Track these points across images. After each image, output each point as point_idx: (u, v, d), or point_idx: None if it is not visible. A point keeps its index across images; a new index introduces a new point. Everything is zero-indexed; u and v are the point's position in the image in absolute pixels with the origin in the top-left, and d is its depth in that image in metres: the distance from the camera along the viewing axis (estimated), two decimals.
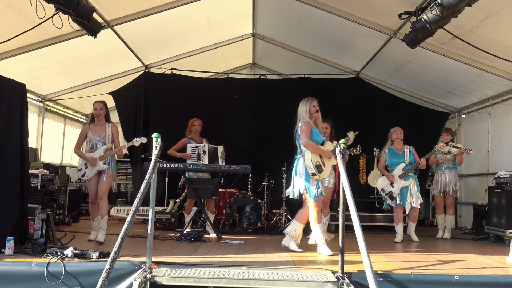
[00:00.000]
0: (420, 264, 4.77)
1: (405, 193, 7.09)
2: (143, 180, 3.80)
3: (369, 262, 3.40)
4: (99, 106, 6.11)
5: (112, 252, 3.26)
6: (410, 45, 6.05)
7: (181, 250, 5.33)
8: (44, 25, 5.89)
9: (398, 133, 7.29)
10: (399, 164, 7.18)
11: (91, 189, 5.99)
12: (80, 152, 6.07)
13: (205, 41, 9.19)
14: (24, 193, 5.11)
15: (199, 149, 7.32)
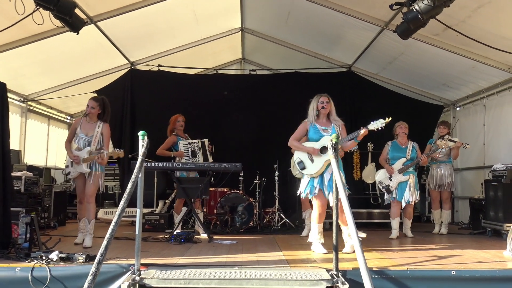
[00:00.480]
0: (416, 260, 4.79)
1: (403, 188, 7.15)
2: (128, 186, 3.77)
3: (364, 258, 3.40)
4: (91, 104, 5.96)
5: (98, 254, 3.24)
6: (402, 36, 6.07)
7: (171, 251, 5.31)
8: (24, 22, 5.84)
9: (403, 127, 7.37)
10: (400, 159, 7.24)
11: (79, 189, 5.93)
12: (68, 148, 5.91)
13: (192, 36, 9.17)
14: (6, 196, 5.04)
15: (192, 146, 7.30)
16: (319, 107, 5.60)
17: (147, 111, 9.24)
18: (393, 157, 7.34)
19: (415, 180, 7.20)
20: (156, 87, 9.33)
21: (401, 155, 7.25)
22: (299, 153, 5.53)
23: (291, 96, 9.37)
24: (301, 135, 5.64)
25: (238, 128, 9.10)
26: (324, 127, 5.55)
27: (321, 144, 5.41)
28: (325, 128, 5.53)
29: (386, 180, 7.29)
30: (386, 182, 7.29)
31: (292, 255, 5.11)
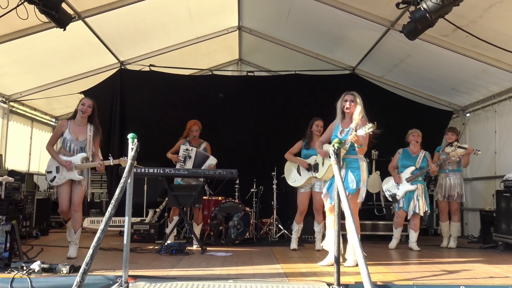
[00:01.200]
0: (423, 275, 4.78)
1: (410, 198, 7.23)
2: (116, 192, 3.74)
3: (367, 272, 3.39)
4: (88, 103, 5.93)
5: (84, 264, 3.22)
6: (409, 36, 6.10)
7: (162, 263, 5.29)
8: (8, 16, 5.85)
9: (415, 135, 7.47)
10: (408, 167, 7.32)
11: (63, 198, 5.78)
12: (54, 152, 5.82)
13: (186, 35, 9.19)
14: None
15: (186, 152, 7.30)
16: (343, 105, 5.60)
17: (138, 113, 9.24)
18: (402, 165, 7.43)
19: (424, 191, 7.25)
20: (147, 88, 9.33)
21: (411, 164, 7.34)
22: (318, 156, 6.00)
23: (291, 99, 9.41)
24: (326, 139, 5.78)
25: (234, 133, 9.09)
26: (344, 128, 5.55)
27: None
28: (343, 129, 5.55)
29: (393, 188, 7.39)
30: (393, 190, 7.39)
31: (291, 268, 5.10)
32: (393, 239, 7.41)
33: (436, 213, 9.56)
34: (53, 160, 5.79)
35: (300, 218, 7.00)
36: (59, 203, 5.84)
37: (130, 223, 4.04)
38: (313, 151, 6.91)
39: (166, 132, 8.98)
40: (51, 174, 5.78)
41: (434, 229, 9.61)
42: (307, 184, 6.87)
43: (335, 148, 4.21)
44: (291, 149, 7.06)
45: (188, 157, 7.28)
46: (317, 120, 7.05)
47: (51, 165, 5.80)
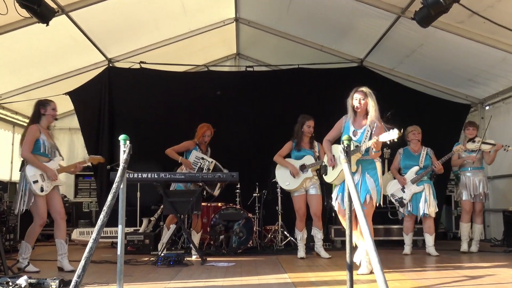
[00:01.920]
0: (443, 281, 4.79)
1: (417, 200, 7.30)
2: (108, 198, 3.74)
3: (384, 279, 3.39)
4: (56, 106, 6.08)
5: (75, 276, 3.22)
6: (421, 24, 6.12)
7: (159, 275, 5.31)
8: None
9: (416, 133, 7.52)
10: (412, 167, 7.37)
11: (42, 208, 5.76)
12: (36, 159, 5.80)
13: (179, 28, 9.20)
14: None
15: (203, 162, 7.29)
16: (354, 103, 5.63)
17: (128, 113, 9.22)
18: (405, 166, 7.49)
19: (432, 190, 7.32)
20: (138, 87, 9.33)
21: (414, 164, 7.42)
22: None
23: (294, 95, 9.40)
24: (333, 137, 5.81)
25: (233, 133, 9.09)
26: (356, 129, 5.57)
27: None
28: (355, 130, 5.57)
29: (398, 192, 7.44)
30: (398, 194, 7.44)
31: (299, 277, 5.11)
32: (405, 247, 7.45)
33: (455, 216, 9.58)
34: (35, 168, 5.76)
35: (301, 225, 7.03)
36: (40, 213, 5.77)
37: (124, 232, 4.04)
38: (305, 152, 7.00)
39: (159, 134, 9.00)
40: (38, 183, 5.74)
41: (453, 232, 9.61)
42: (301, 187, 6.93)
43: (345, 146, 4.21)
44: (280, 151, 7.15)
45: (207, 170, 7.26)
46: (309, 120, 7.10)
47: (34, 174, 5.74)
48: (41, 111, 5.98)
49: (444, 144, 7.97)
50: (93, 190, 10.36)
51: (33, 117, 6.01)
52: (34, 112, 6.02)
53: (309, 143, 7.08)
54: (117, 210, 3.96)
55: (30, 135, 5.83)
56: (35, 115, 6.00)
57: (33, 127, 5.89)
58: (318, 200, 6.96)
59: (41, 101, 6.11)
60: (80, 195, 10.59)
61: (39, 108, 6.00)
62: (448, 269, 5.65)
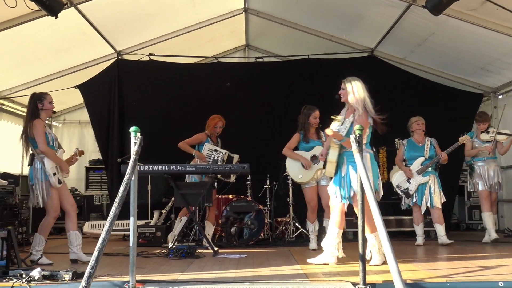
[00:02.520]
0: (456, 271, 4.77)
1: (423, 190, 7.34)
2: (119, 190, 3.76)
3: (397, 269, 3.39)
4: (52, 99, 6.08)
5: (88, 267, 3.25)
6: (433, 11, 6.08)
7: (171, 267, 5.33)
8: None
9: (420, 123, 7.55)
10: (417, 158, 7.41)
11: (56, 201, 5.80)
12: (54, 153, 5.82)
13: (188, 20, 9.20)
14: None
15: (217, 154, 7.32)
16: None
17: (138, 106, 9.26)
18: (410, 157, 7.53)
19: (437, 181, 7.34)
20: (147, 79, 9.36)
21: (419, 154, 7.45)
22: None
23: (304, 86, 9.39)
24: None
25: (243, 124, 9.10)
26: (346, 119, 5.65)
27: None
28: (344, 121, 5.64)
29: (404, 183, 7.48)
30: (404, 185, 7.48)
31: (311, 268, 5.12)
32: (418, 238, 7.43)
33: (468, 206, 9.55)
34: (51, 162, 5.78)
35: (313, 216, 7.03)
36: (54, 206, 5.80)
37: (135, 224, 4.07)
38: (313, 143, 6.96)
39: (169, 126, 9.03)
40: (55, 176, 5.77)
41: (466, 223, 9.59)
42: (312, 178, 6.92)
43: (357, 136, 4.20)
44: (288, 143, 7.06)
45: (221, 161, 7.30)
46: (314, 111, 7.04)
47: (52, 167, 5.76)
48: (38, 106, 5.91)
49: (456, 134, 7.92)
50: (104, 183, 10.42)
51: (33, 112, 5.91)
52: (32, 107, 5.92)
53: (315, 133, 7.05)
54: (128, 203, 3.99)
55: (40, 129, 5.80)
56: (33, 110, 5.91)
57: (38, 121, 5.85)
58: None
59: (36, 95, 6.01)
60: (91, 188, 10.65)
61: (36, 103, 5.92)
62: (461, 259, 5.63)
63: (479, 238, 7.63)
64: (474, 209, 9.50)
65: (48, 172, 5.70)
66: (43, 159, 5.75)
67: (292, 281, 4.29)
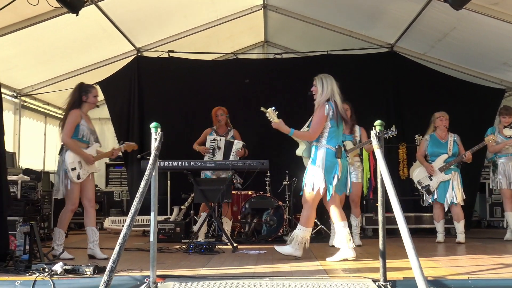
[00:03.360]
0: (478, 269, 4.75)
1: (445, 188, 7.26)
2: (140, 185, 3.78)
3: (419, 266, 3.37)
4: (97, 93, 6.16)
5: (110, 261, 3.28)
6: (454, 6, 6.01)
7: (190, 262, 5.37)
8: (16, 3, 5.92)
9: (443, 119, 7.46)
10: (440, 155, 7.34)
11: (75, 193, 5.81)
12: (77, 145, 5.82)
13: (207, 16, 9.20)
14: (2, 202, 5.14)
15: (215, 143, 7.39)
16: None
17: (157, 103, 9.32)
18: (432, 153, 7.43)
19: (459, 178, 7.27)
20: (167, 76, 9.41)
21: (442, 151, 7.36)
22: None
23: None
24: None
25: (262, 120, 9.05)
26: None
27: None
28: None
29: (425, 179, 7.42)
30: (425, 182, 7.42)
31: (331, 265, 5.13)
32: (438, 235, 7.36)
33: (489, 204, 9.45)
34: (74, 155, 5.81)
35: (357, 211, 7.03)
36: (73, 199, 5.81)
37: (156, 219, 4.10)
38: (345, 137, 6.89)
39: (188, 123, 9.09)
40: (75, 170, 5.78)
41: (487, 220, 9.49)
42: None
43: (377, 131, 4.18)
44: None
45: (217, 148, 7.37)
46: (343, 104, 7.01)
47: (73, 161, 5.78)
48: (83, 97, 5.97)
49: (477, 130, 7.86)
50: (124, 180, 10.49)
51: (74, 102, 5.95)
52: (75, 97, 5.97)
53: (349, 128, 6.98)
54: (148, 200, 4.02)
55: (72, 120, 5.83)
56: (76, 100, 5.96)
57: (75, 111, 5.88)
58: (356, 187, 6.89)
59: (83, 86, 6.07)
60: (111, 184, 10.73)
61: (80, 94, 5.97)
62: (483, 258, 5.59)
63: (501, 235, 7.55)
64: (495, 206, 9.40)
65: (66, 167, 5.74)
66: (66, 152, 5.80)
67: (312, 277, 4.29)
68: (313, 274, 4.50)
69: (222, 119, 7.63)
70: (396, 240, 6.79)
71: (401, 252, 5.55)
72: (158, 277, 4.10)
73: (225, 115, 7.68)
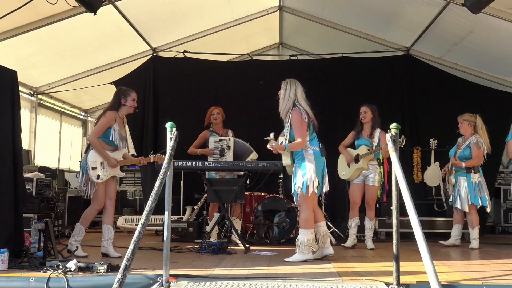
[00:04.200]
0: (492, 274, 4.71)
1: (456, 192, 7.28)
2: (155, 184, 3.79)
3: (434, 270, 3.35)
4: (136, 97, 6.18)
5: (125, 259, 3.30)
6: (472, 9, 5.98)
7: (203, 262, 5.38)
8: (35, 2, 6.01)
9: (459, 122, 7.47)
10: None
11: (101, 194, 5.86)
12: (101, 146, 5.84)
13: (223, 17, 9.23)
14: (18, 199, 5.20)
15: (222, 143, 7.38)
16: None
17: (172, 103, 9.36)
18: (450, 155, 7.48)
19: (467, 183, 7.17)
20: (182, 76, 9.44)
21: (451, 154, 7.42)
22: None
23: (339, 84, 9.36)
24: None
25: (276, 122, 9.06)
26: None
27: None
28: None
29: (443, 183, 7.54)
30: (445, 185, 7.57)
31: (344, 267, 5.10)
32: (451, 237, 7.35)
33: (504, 209, 9.38)
34: (97, 155, 5.84)
35: (352, 213, 7.02)
36: (99, 199, 5.87)
37: (170, 218, 4.12)
38: (362, 141, 6.97)
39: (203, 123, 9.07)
40: (96, 170, 5.81)
41: (501, 226, 9.41)
42: (359, 176, 6.93)
43: (393, 134, 4.16)
44: (344, 141, 7.29)
45: (227, 148, 7.35)
46: (361, 106, 7.15)
47: (95, 161, 5.81)
48: (121, 101, 6.02)
49: (493, 135, 7.77)
50: (137, 179, 10.53)
51: (113, 104, 6.04)
52: (115, 100, 6.06)
53: (369, 131, 7.03)
54: (162, 199, 4.03)
55: (104, 121, 5.88)
56: (115, 103, 6.03)
57: (111, 113, 5.94)
58: (372, 190, 6.95)
59: (122, 90, 6.14)
60: (124, 183, 10.77)
61: (119, 97, 6.04)
62: (497, 263, 5.54)
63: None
64: (510, 212, 9.32)
65: (88, 165, 5.80)
66: (91, 151, 5.88)
67: (324, 279, 4.29)
68: (325, 276, 4.49)
69: (218, 118, 7.61)
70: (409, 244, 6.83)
71: (414, 256, 5.59)
72: (171, 276, 4.13)
73: (221, 115, 7.65)
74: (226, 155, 7.34)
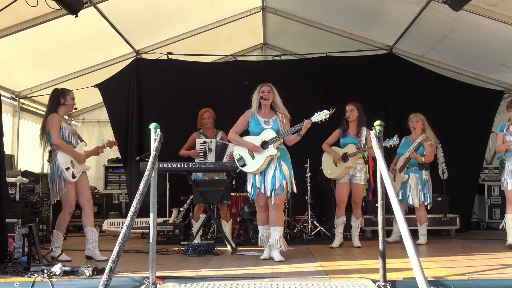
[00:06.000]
0: (478, 269, 4.74)
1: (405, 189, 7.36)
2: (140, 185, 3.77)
3: (420, 266, 3.36)
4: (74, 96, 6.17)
5: (110, 261, 3.27)
6: (453, 6, 6.03)
7: (190, 263, 5.36)
8: (15, 5, 5.95)
9: (414, 120, 7.49)
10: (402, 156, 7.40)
11: (72, 196, 5.82)
12: (67, 145, 5.87)
13: (206, 18, 9.22)
14: (1, 204, 5.14)
15: (205, 145, 7.36)
16: (259, 98, 5.98)
17: (156, 105, 9.32)
18: (399, 153, 7.48)
19: (419, 180, 7.25)
20: (166, 78, 9.42)
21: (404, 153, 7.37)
22: (239, 149, 5.94)
23: (323, 84, 9.39)
24: (241, 127, 6.06)
25: None
26: (266, 119, 5.87)
27: (262, 138, 5.77)
28: (266, 120, 5.86)
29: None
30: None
31: (331, 266, 5.11)
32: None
33: (488, 205, 9.45)
34: (65, 155, 5.83)
35: (338, 212, 7.02)
36: (70, 201, 5.83)
37: (155, 220, 4.09)
38: (349, 139, 6.96)
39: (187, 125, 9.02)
40: (69, 170, 5.81)
41: (486, 222, 9.49)
42: (345, 174, 6.90)
43: (377, 132, 4.17)
44: (327, 139, 7.20)
45: (209, 150, 7.34)
46: (347, 105, 7.11)
47: (65, 161, 5.81)
48: (60, 100, 6.02)
49: (476, 131, 7.85)
50: (122, 182, 10.48)
51: (52, 106, 6.03)
52: (53, 102, 6.04)
53: (356, 129, 7.03)
54: (147, 202, 4.01)
55: (55, 123, 5.88)
56: (53, 104, 6.03)
57: (54, 115, 5.94)
58: (359, 189, 6.95)
59: (60, 90, 6.14)
60: (110, 186, 10.72)
61: (58, 97, 6.03)
62: (482, 258, 5.59)
63: (500, 237, 7.46)
64: (494, 208, 9.40)
65: (60, 167, 5.77)
66: (57, 154, 5.82)
67: (311, 278, 4.29)
68: (312, 275, 4.49)
69: (209, 122, 7.59)
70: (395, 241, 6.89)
71: (400, 253, 5.63)
72: (157, 278, 4.10)
73: (212, 118, 7.64)
74: (208, 157, 7.32)
